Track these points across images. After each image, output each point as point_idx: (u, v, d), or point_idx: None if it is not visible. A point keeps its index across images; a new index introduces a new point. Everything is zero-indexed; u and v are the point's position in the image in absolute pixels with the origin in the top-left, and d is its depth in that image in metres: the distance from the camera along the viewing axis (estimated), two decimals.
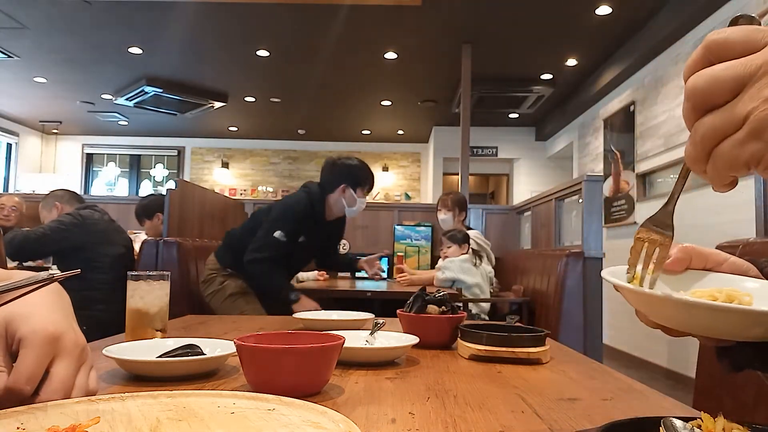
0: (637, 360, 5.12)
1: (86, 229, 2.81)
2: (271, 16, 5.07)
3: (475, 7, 4.84)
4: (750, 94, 0.37)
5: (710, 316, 0.46)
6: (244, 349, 0.67)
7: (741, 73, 0.38)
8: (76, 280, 2.75)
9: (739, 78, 0.38)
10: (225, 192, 9.53)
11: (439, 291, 1.17)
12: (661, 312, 0.51)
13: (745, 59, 0.38)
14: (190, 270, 2.87)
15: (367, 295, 3.20)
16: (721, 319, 0.46)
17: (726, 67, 0.38)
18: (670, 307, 0.48)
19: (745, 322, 0.46)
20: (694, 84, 0.40)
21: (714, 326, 0.48)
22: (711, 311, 0.46)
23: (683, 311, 0.47)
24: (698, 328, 0.49)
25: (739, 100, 0.38)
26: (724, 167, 0.40)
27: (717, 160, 0.40)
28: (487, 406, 0.65)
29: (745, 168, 0.39)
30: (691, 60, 0.41)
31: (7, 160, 9.30)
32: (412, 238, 4.89)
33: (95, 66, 6.52)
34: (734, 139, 0.38)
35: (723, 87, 0.38)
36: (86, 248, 2.79)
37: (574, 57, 5.93)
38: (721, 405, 0.99)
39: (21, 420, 0.44)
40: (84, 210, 2.89)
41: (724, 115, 0.39)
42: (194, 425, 0.46)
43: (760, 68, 0.37)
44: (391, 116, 8.56)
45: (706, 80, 0.39)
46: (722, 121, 0.39)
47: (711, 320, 0.47)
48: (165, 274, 1.12)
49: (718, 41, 0.39)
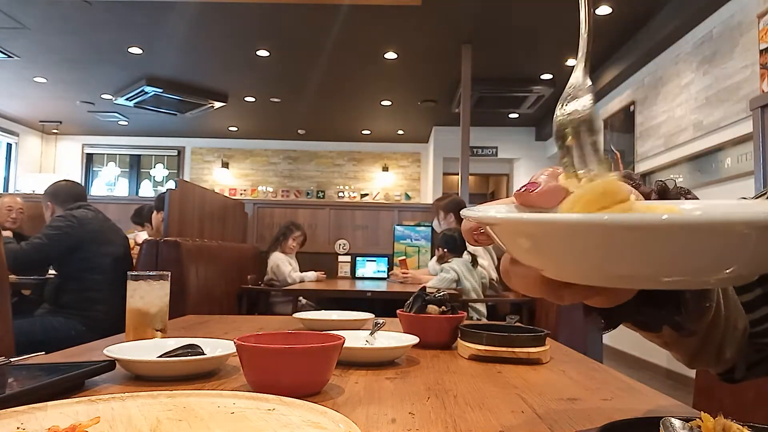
0: (637, 360, 5.12)
1: (81, 229, 2.74)
2: (271, 16, 5.07)
3: (475, 7, 4.83)
4: None
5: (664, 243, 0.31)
6: (244, 349, 0.67)
7: None
8: (74, 281, 2.74)
9: None
10: (225, 192, 9.52)
11: (439, 291, 1.17)
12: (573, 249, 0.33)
13: None
14: (190, 270, 2.87)
15: (367, 295, 3.20)
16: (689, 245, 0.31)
17: None
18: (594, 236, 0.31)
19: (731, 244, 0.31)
20: None
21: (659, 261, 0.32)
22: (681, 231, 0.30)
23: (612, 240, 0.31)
24: (622, 271, 0.34)
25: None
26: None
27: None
28: (487, 406, 0.65)
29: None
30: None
31: (7, 160, 9.29)
32: (412, 238, 4.89)
33: (95, 66, 6.51)
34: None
35: None
36: (83, 248, 2.75)
37: (574, 57, 5.86)
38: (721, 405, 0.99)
39: (21, 420, 0.44)
40: (77, 210, 2.83)
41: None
42: (194, 425, 0.46)
43: None
44: (391, 116, 8.56)
45: None
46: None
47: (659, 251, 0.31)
48: (165, 274, 1.12)
49: None
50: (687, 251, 0.31)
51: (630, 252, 0.32)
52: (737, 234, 0.31)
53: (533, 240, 0.36)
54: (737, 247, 0.31)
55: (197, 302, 2.82)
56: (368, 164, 10.35)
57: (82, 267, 2.73)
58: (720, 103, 4.10)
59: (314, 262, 4.61)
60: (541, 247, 0.36)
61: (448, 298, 1.16)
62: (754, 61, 3.66)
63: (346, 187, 10.31)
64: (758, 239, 0.31)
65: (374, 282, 4.43)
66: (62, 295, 2.73)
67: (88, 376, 0.72)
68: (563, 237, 0.33)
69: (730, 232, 0.30)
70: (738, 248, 0.32)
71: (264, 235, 4.99)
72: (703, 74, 4.35)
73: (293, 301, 3.59)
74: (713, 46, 4.21)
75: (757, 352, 0.56)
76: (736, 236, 0.31)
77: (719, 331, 0.53)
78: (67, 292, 2.73)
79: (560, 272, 0.37)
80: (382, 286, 3.86)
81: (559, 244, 0.34)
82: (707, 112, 4.27)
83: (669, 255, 0.32)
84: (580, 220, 0.32)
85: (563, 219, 0.33)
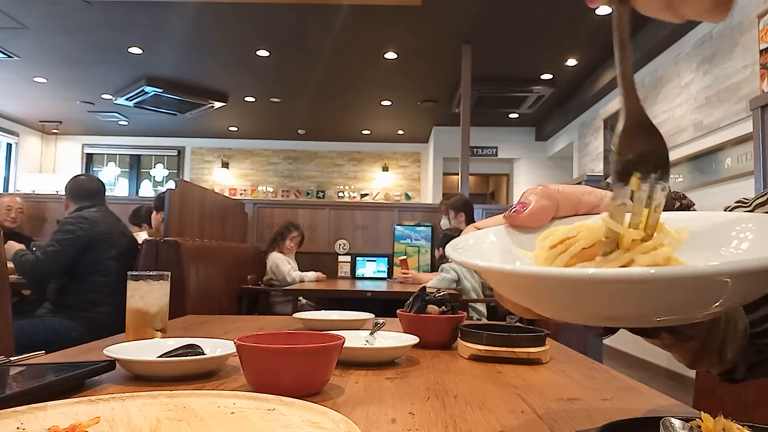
0: (637, 360, 5.12)
1: (91, 230, 2.71)
2: (271, 16, 5.07)
3: (475, 7, 4.84)
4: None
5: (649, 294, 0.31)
6: (244, 349, 0.67)
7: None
8: (78, 283, 2.71)
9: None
10: (225, 192, 9.53)
11: (439, 291, 1.17)
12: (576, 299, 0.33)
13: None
14: (190, 270, 2.87)
15: (367, 295, 3.20)
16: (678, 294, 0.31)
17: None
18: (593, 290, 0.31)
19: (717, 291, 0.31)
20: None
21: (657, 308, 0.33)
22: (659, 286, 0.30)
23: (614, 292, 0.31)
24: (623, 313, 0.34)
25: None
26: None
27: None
28: (487, 406, 0.65)
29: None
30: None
31: (7, 160, 9.29)
32: (412, 238, 4.90)
33: (95, 66, 6.52)
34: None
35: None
36: (91, 249, 2.71)
37: (574, 57, 5.93)
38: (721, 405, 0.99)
39: (21, 420, 0.44)
40: (87, 210, 2.80)
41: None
42: (194, 425, 0.46)
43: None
44: (391, 116, 8.56)
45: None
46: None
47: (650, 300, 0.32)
48: (165, 274, 1.12)
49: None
50: (671, 299, 0.31)
51: (613, 301, 0.32)
52: (718, 282, 0.30)
53: (518, 289, 0.36)
54: (721, 290, 0.31)
55: (197, 302, 2.82)
56: (368, 164, 10.35)
57: (87, 269, 2.70)
58: (720, 103, 4.10)
59: (314, 262, 4.62)
60: (525, 295, 0.36)
61: (448, 298, 1.16)
62: (754, 61, 3.66)
63: (346, 187, 10.32)
64: (738, 284, 0.31)
65: (374, 282, 4.43)
66: (65, 295, 2.71)
67: (88, 376, 0.72)
68: (544, 289, 0.34)
69: (710, 282, 0.30)
70: (722, 291, 0.31)
71: (264, 235, 5.00)
72: (703, 74, 4.35)
73: (293, 301, 3.59)
74: (713, 46, 4.21)
75: (758, 353, 0.56)
76: (717, 284, 0.31)
77: (720, 332, 0.53)
78: (70, 292, 2.71)
79: (547, 314, 0.38)
80: (382, 286, 3.86)
81: (541, 295, 0.35)
82: (707, 112, 4.27)
83: (654, 302, 0.32)
84: (559, 275, 0.31)
85: (543, 273, 0.33)
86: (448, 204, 3.87)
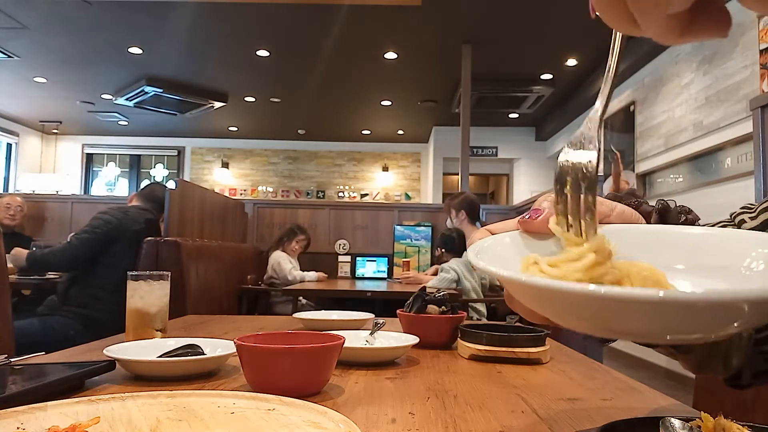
0: (637, 360, 5.12)
1: (120, 225, 2.69)
2: (271, 16, 5.07)
3: (475, 7, 4.84)
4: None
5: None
6: (244, 349, 0.67)
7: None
8: (87, 277, 2.67)
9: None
10: (225, 192, 9.53)
11: (439, 291, 1.17)
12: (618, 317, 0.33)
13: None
14: (190, 270, 2.87)
15: (367, 295, 3.20)
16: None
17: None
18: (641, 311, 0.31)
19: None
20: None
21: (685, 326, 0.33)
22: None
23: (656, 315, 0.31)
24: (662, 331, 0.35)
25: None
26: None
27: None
28: (487, 406, 0.65)
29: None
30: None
31: (7, 160, 9.29)
32: (412, 238, 4.90)
33: (95, 66, 6.51)
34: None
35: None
36: (116, 242, 2.69)
37: (574, 57, 5.93)
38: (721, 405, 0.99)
39: (21, 420, 0.44)
40: (126, 207, 2.81)
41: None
42: (194, 425, 0.46)
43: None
44: (391, 116, 8.56)
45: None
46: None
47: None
48: (165, 274, 1.12)
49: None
50: (687, 320, 0.32)
51: (630, 318, 0.33)
52: (736, 308, 0.31)
53: (536, 299, 0.37)
54: (738, 315, 0.32)
55: (197, 302, 2.82)
56: (368, 164, 10.35)
57: (104, 261, 2.67)
58: (720, 103, 4.10)
59: (314, 262, 4.61)
60: (544, 304, 0.37)
61: (448, 298, 1.16)
62: (754, 61, 3.66)
63: (346, 187, 10.32)
64: (755, 309, 0.31)
65: (374, 282, 4.43)
66: (72, 287, 2.66)
67: (88, 376, 0.72)
68: (563, 302, 0.35)
69: (726, 308, 0.30)
70: (739, 315, 0.32)
71: (264, 235, 4.99)
72: (703, 74, 4.35)
73: (293, 301, 3.59)
74: (713, 45, 4.21)
75: (765, 362, 0.56)
76: (735, 310, 0.31)
77: (725, 340, 0.53)
78: (76, 286, 2.67)
79: (563, 324, 0.38)
80: (382, 286, 3.86)
81: (560, 306, 0.36)
82: (707, 112, 4.27)
83: (683, 323, 0.32)
84: (579, 291, 0.31)
85: (564, 288, 0.32)
86: (452, 204, 3.86)
